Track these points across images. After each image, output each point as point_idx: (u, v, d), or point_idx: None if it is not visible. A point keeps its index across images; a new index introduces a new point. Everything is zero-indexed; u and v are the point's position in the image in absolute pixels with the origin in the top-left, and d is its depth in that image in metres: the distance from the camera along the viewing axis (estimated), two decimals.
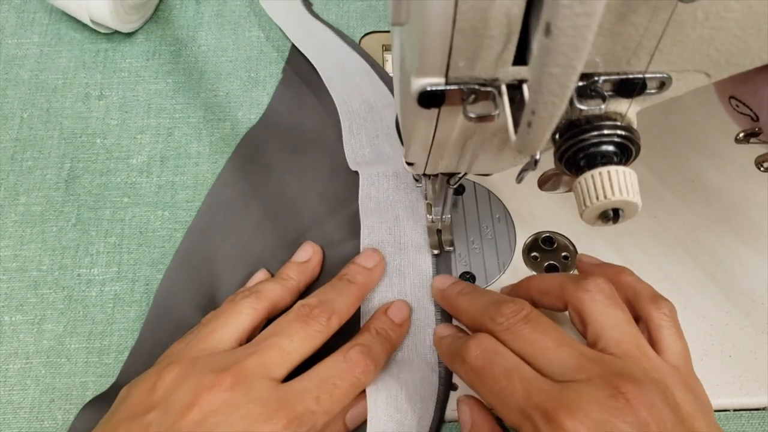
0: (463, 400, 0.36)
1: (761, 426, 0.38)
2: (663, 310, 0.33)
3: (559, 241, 0.43)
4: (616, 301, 0.33)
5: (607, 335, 0.31)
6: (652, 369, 0.30)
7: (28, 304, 0.42)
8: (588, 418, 0.27)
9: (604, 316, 0.32)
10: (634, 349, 0.31)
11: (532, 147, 0.22)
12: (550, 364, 0.30)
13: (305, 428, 0.31)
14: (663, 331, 0.33)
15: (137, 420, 0.31)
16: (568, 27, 0.17)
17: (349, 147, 0.47)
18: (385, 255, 0.41)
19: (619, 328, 0.31)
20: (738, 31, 0.23)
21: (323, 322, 0.35)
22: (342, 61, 0.50)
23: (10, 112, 0.49)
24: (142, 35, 0.52)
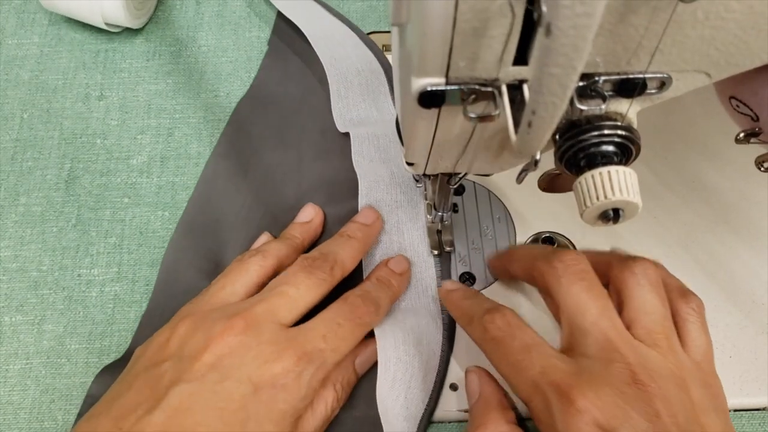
0: (471, 370, 0.37)
1: (761, 426, 0.38)
2: (691, 305, 0.33)
3: (559, 242, 0.43)
4: (659, 290, 0.33)
5: (642, 322, 0.31)
6: (674, 363, 0.30)
7: (28, 304, 0.42)
8: (600, 400, 0.28)
9: (644, 302, 0.32)
10: (663, 341, 0.31)
11: (532, 147, 0.22)
12: (583, 331, 0.30)
13: (315, 365, 0.32)
14: (689, 325, 0.33)
15: (153, 370, 0.32)
16: (568, 27, 0.17)
17: (337, 110, 0.47)
18: (382, 213, 0.42)
19: (654, 317, 0.31)
20: (738, 31, 0.23)
21: (327, 271, 0.36)
22: (328, 28, 0.50)
23: (11, 112, 0.49)
24: (143, 36, 0.52)
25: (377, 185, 0.43)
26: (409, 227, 0.42)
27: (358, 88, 0.48)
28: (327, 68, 0.48)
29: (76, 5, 0.48)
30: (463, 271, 0.42)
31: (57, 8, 0.49)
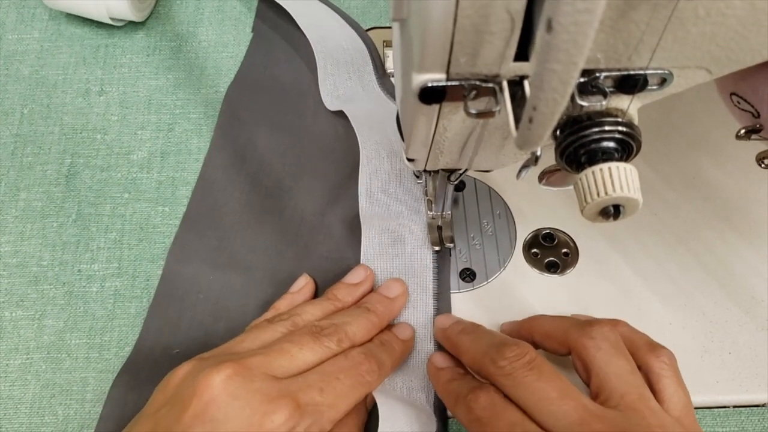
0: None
1: (761, 423, 0.38)
2: (662, 359, 0.32)
3: (559, 238, 0.43)
4: (621, 350, 0.32)
5: (611, 386, 0.30)
6: (656, 425, 0.29)
7: (28, 299, 0.43)
8: None
9: (608, 365, 0.31)
10: (638, 402, 0.30)
11: (533, 143, 0.22)
12: (552, 417, 0.29)
13: (309, 419, 0.30)
14: (664, 380, 0.32)
15: (153, 416, 0.31)
16: (569, 23, 0.17)
17: (325, 87, 0.48)
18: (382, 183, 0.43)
19: (623, 379, 0.31)
20: (739, 27, 0.23)
21: (335, 342, 0.34)
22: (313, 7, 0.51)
23: (11, 107, 0.49)
24: (143, 31, 0.52)
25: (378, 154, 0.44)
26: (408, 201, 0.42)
27: (344, 66, 0.48)
28: (314, 46, 0.49)
29: (81, 3, 0.49)
30: (463, 267, 0.42)
31: (59, 6, 0.49)
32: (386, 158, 0.44)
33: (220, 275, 0.42)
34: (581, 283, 0.41)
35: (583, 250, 0.42)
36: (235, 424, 0.29)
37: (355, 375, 0.33)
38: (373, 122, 0.46)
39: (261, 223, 0.44)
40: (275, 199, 0.45)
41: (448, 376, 0.35)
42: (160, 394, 0.32)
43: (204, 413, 0.29)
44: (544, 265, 0.42)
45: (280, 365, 0.32)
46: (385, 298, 0.39)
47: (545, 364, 0.31)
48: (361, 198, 0.43)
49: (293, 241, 0.43)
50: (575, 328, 0.33)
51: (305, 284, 0.41)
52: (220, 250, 0.43)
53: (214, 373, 0.30)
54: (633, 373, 0.31)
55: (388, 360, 0.35)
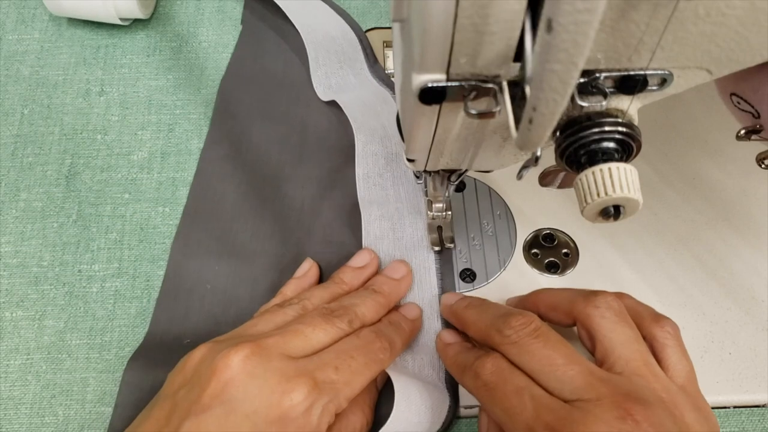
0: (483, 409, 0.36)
1: (761, 423, 0.38)
2: (666, 329, 0.33)
3: (559, 238, 0.43)
4: (626, 318, 0.32)
5: (616, 353, 0.31)
6: (661, 389, 0.30)
7: (28, 300, 0.43)
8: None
9: (613, 333, 0.31)
10: (643, 368, 0.30)
11: (533, 143, 0.22)
12: (558, 381, 0.30)
13: (326, 397, 0.31)
14: (667, 349, 0.32)
15: (169, 399, 0.31)
16: (569, 23, 0.17)
17: (317, 77, 0.49)
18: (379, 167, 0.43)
19: (627, 346, 0.31)
20: (739, 27, 0.23)
21: (345, 322, 0.35)
22: None
23: (11, 108, 0.49)
24: (143, 31, 0.52)
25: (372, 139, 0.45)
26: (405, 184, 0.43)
27: (335, 56, 0.49)
28: (304, 36, 0.50)
29: (87, 5, 0.49)
30: (463, 268, 0.42)
31: (65, 12, 0.50)
32: (380, 143, 0.45)
33: (226, 265, 0.43)
34: (581, 284, 0.41)
35: (583, 250, 0.42)
36: (254, 402, 0.30)
37: (368, 353, 0.34)
38: (366, 109, 0.46)
39: (262, 212, 0.45)
40: (274, 188, 0.45)
41: (456, 349, 0.36)
42: (177, 376, 0.33)
43: (223, 392, 0.30)
44: (545, 266, 0.42)
45: (295, 345, 0.32)
46: (390, 279, 0.39)
47: (551, 332, 0.32)
48: (358, 182, 0.44)
49: (295, 227, 0.44)
50: (580, 298, 0.33)
51: (309, 268, 0.41)
52: (223, 240, 0.44)
53: (233, 353, 0.30)
54: (637, 340, 0.32)
55: (398, 339, 0.36)
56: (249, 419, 0.29)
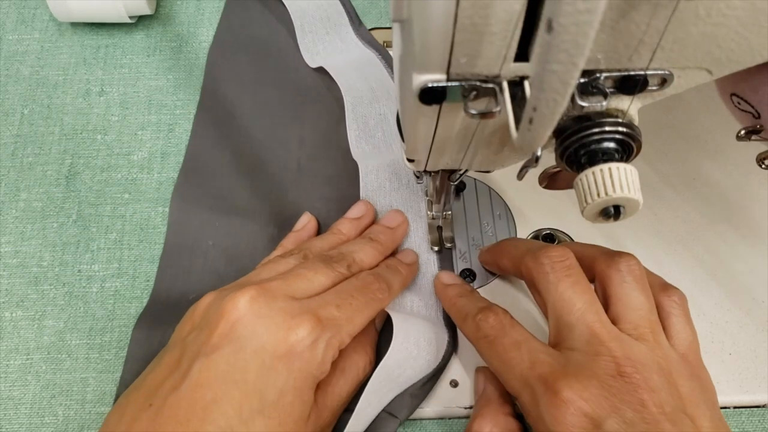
0: (479, 370, 0.37)
1: (761, 423, 0.38)
2: (673, 298, 0.34)
3: (559, 238, 0.43)
4: (645, 285, 0.33)
5: (628, 317, 0.31)
6: (661, 356, 0.30)
7: (28, 300, 0.43)
8: (586, 391, 0.28)
9: (629, 297, 0.32)
10: (649, 335, 0.31)
11: (533, 144, 0.22)
12: (569, 325, 0.31)
13: (330, 332, 0.32)
14: (672, 318, 0.33)
15: (179, 344, 0.33)
16: (570, 24, 0.17)
17: (304, 45, 0.50)
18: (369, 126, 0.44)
19: (639, 312, 0.32)
20: (740, 28, 0.23)
21: (345, 266, 0.36)
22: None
23: (11, 108, 0.49)
24: (143, 31, 0.52)
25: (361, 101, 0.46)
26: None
27: (320, 22, 0.50)
28: (288, 5, 0.51)
29: (96, 6, 0.49)
30: (463, 268, 0.42)
31: (73, 17, 0.50)
32: (369, 105, 0.46)
33: (226, 221, 0.44)
34: None
35: None
36: (261, 339, 0.31)
37: (368, 293, 0.35)
38: (353, 72, 0.48)
39: (259, 172, 0.46)
40: (269, 149, 0.47)
41: (456, 291, 0.37)
42: (186, 323, 0.34)
43: (231, 332, 0.31)
44: None
45: (298, 287, 0.34)
46: (387, 228, 0.40)
47: (582, 275, 0.33)
48: (351, 143, 0.45)
49: (291, 186, 0.45)
50: (604, 257, 0.34)
51: (308, 221, 0.43)
52: (222, 197, 0.45)
53: (239, 295, 0.32)
54: (651, 310, 0.32)
55: (396, 281, 0.37)
56: (257, 355, 0.31)
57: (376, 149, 0.45)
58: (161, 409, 0.30)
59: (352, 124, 0.46)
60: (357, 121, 0.46)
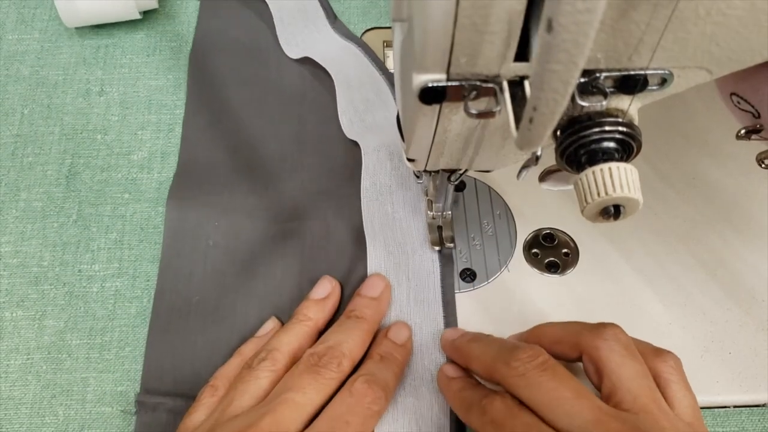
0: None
1: (761, 422, 0.38)
2: (669, 363, 0.32)
3: (559, 238, 0.43)
4: (634, 352, 0.32)
5: (624, 387, 0.30)
6: (670, 428, 0.29)
7: (29, 300, 0.43)
8: None
9: (621, 367, 0.31)
10: (651, 404, 0.29)
11: (533, 143, 0.22)
12: (566, 415, 0.29)
13: None
14: (672, 385, 0.31)
15: None
16: (569, 23, 0.17)
17: (284, 38, 0.51)
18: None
19: (636, 381, 0.30)
20: (740, 27, 0.23)
21: (335, 368, 0.34)
22: None
23: (11, 108, 0.49)
24: (143, 31, 0.52)
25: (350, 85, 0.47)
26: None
27: (299, 14, 0.51)
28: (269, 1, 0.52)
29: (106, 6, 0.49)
30: (463, 268, 0.42)
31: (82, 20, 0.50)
32: (357, 89, 0.47)
33: (225, 220, 0.44)
34: (582, 283, 0.41)
35: (583, 250, 0.42)
36: None
37: (362, 410, 0.33)
38: (335, 60, 0.49)
39: (253, 169, 0.46)
40: (262, 146, 0.47)
41: (460, 385, 0.35)
42: None
43: None
44: (545, 265, 0.42)
45: (290, 418, 0.32)
46: (371, 300, 0.38)
47: (558, 365, 0.31)
48: (344, 126, 0.46)
49: (289, 180, 0.46)
50: (587, 331, 0.33)
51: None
52: (218, 196, 0.45)
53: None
54: (646, 376, 0.31)
55: (391, 377, 0.35)
56: None
57: (369, 131, 0.45)
58: None
59: (343, 106, 0.47)
60: (347, 105, 0.47)
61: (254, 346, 0.38)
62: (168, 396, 0.39)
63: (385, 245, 0.41)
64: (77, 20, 0.49)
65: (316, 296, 0.39)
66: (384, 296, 0.39)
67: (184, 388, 0.39)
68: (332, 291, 0.40)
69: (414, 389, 0.37)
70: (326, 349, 0.35)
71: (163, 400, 0.39)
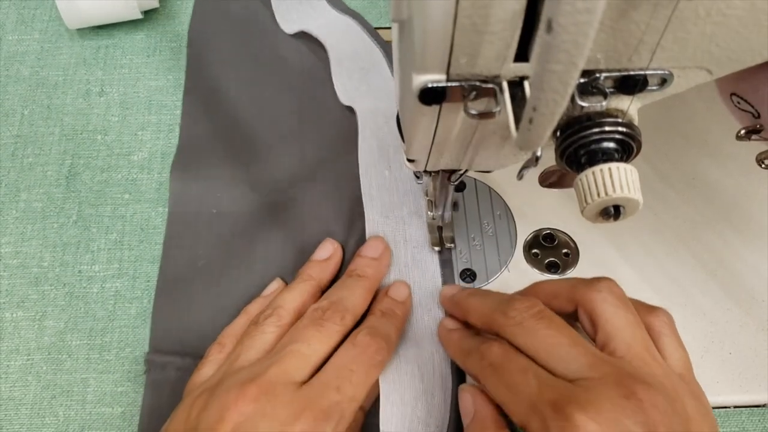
0: (465, 389, 0.36)
1: (761, 423, 0.38)
2: (661, 318, 0.33)
3: (560, 238, 0.43)
4: (627, 303, 0.32)
5: (618, 337, 0.31)
6: (662, 375, 0.30)
7: (29, 300, 0.43)
8: (599, 415, 0.27)
9: (615, 317, 0.31)
10: (644, 353, 0.30)
11: (533, 144, 0.22)
12: (562, 361, 0.30)
13: (334, 420, 0.32)
14: (664, 338, 0.32)
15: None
16: (569, 24, 0.17)
17: (279, 13, 0.51)
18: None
19: (629, 330, 0.31)
20: (740, 27, 0.23)
21: (338, 321, 0.35)
22: None
23: (11, 108, 0.49)
24: (143, 31, 0.52)
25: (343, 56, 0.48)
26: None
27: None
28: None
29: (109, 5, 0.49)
30: (463, 268, 0.42)
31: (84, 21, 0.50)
32: (352, 60, 0.48)
33: (227, 191, 0.45)
34: None
35: (583, 250, 0.42)
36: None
37: (366, 360, 0.34)
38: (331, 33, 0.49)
39: (254, 142, 0.47)
40: (261, 120, 0.47)
41: (459, 334, 0.36)
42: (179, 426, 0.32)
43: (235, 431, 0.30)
44: (545, 266, 0.42)
45: (295, 368, 0.33)
46: (371, 260, 0.40)
47: (554, 315, 0.32)
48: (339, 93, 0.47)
49: (289, 152, 0.47)
50: (582, 284, 0.34)
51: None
52: (221, 167, 0.46)
53: (241, 396, 0.31)
54: (639, 325, 0.32)
55: (393, 330, 0.37)
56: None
57: (364, 96, 0.46)
58: None
59: (337, 74, 0.48)
60: (342, 73, 0.47)
61: (260, 305, 0.39)
62: (176, 355, 0.40)
63: (382, 209, 0.42)
64: (79, 21, 0.49)
65: (319, 257, 0.41)
66: (384, 256, 0.40)
67: (191, 348, 0.40)
68: (334, 252, 0.41)
69: (415, 343, 0.38)
70: (329, 304, 0.36)
71: (171, 359, 0.40)
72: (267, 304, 0.38)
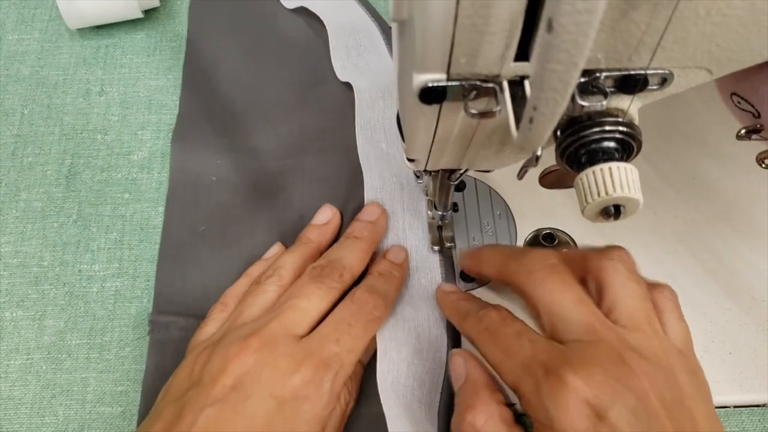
0: (456, 352, 0.37)
1: (761, 422, 0.38)
2: (665, 293, 0.34)
3: (560, 238, 0.43)
4: (636, 274, 0.33)
5: (622, 305, 0.31)
6: (659, 347, 0.30)
7: (29, 300, 0.43)
8: (591, 378, 0.28)
9: (622, 286, 0.32)
10: (645, 325, 0.31)
11: (533, 143, 0.22)
12: (564, 318, 0.31)
13: (333, 370, 0.33)
14: (666, 313, 0.33)
15: (178, 400, 0.32)
16: (570, 23, 0.17)
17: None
18: None
19: (634, 300, 0.32)
20: (740, 27, 0.23)
21: (336, 278, 0.36)
22: None
23: (11, 108, 0.49)
24: (143, 31, 0.52)
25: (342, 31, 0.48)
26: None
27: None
28: None
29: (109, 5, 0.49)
30: None
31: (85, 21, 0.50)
32: (350, 36, 0.48)
33: (227, 159, 0.46)
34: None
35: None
36: (267, 386, 0.32)
37: (364, 315, 0.35)
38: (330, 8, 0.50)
39: (252, 112, 0.48)
40: (259, 91, 0.48)
41: (457, 296, 0.37)
42: (181, 380, 0.34)
43: (238, 382, 0.32)
44: None
45: (295, 322, 0.34)
46: (368, 223, 0.40)
47: (567, 272, 0.32)
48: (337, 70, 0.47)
49: (288, 122, 0.47)
50: (595, 252, 0.34)
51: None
52: (220, 136, 0.46)
53: (244, 348, 0.32)
54: (644, 297, 0.32)
55: (390, 290, 0.38)
56: (264, 401, 0.31)
57: (361, 74, 0.46)
58: None
59: (336, 51, 0.48)
60: (340, 49, 0.48)
61: (261, 267, 0.40)
62: (180, 315, 0.41)
63: (380, 176, 0.43)
64: (80, 21, 0.49)
65: (318, 222, 0.42)
66: (381, 220, 0.41)
67: (195, 309, 0.41)
68: (333, 217, 0.42)
69: (412, 303, 0.39)
70: (328, 262, 0.37)
71: (175, 319, 0.41)
72: (268, 266, 0.39)
